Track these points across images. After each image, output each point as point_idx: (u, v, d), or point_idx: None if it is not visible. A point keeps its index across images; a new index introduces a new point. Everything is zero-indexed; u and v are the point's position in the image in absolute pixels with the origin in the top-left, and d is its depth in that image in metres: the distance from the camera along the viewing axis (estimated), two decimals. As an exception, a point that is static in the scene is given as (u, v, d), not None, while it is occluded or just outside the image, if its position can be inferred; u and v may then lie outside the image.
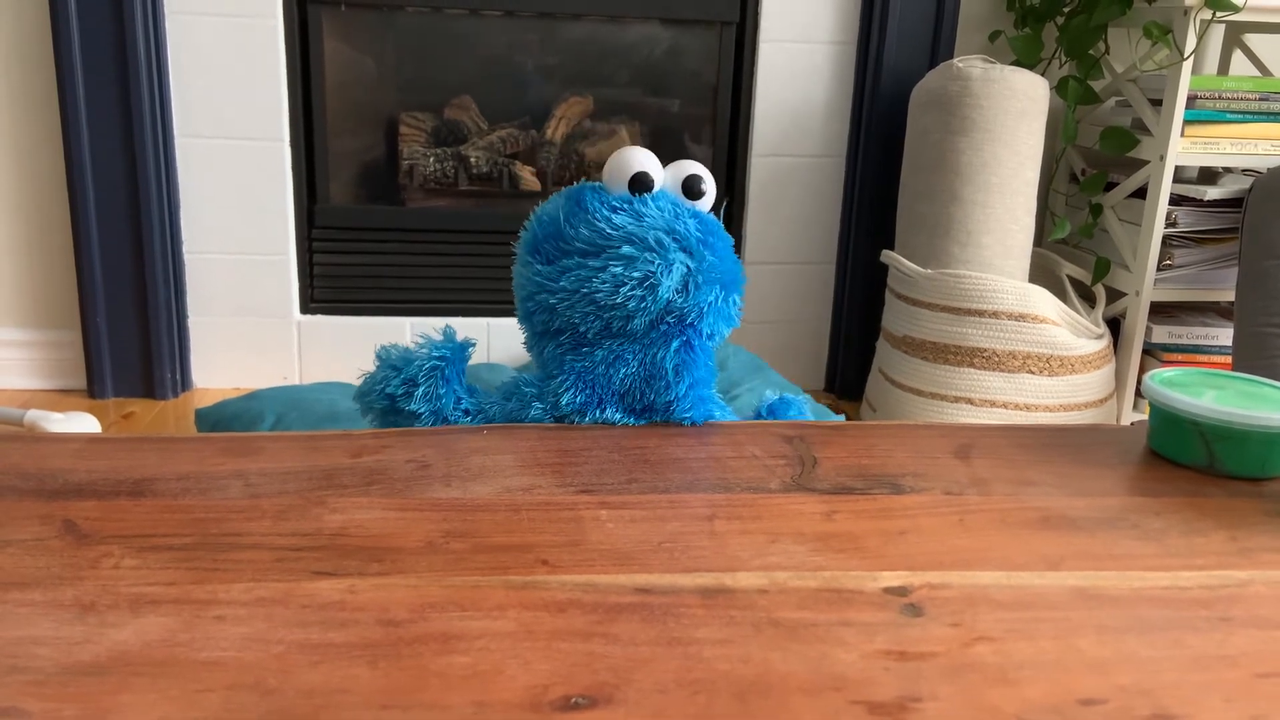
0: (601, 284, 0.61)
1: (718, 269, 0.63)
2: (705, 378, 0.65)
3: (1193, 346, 1.75)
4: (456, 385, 0.65)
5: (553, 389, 0.64)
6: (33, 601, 0.41)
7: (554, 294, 0.63)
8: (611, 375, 0.63)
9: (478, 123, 1.97)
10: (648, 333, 0.63)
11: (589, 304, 0.62)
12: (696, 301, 0.63)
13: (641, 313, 0.62)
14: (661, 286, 0.61)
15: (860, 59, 1.87)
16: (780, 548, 0.47)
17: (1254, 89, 1.63)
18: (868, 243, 1.92)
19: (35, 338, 1.86)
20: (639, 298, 0.61)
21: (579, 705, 0.35)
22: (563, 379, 0.64)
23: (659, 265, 0.61)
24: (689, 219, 0.63)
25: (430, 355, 0.65)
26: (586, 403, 0.64)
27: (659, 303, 0.61)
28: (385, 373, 0.65)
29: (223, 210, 1.82)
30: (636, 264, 0.61)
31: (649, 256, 0.61)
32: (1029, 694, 0.37)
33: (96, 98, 1.69)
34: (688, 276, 0.62)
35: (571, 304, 0.62)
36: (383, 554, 0.45)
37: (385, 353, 0.66)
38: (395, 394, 0.64)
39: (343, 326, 1.90)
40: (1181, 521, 0.52)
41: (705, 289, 0.63)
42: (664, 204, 0.64)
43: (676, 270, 0.61)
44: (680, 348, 0.64)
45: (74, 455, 0.55)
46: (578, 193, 0.66)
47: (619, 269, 0.61)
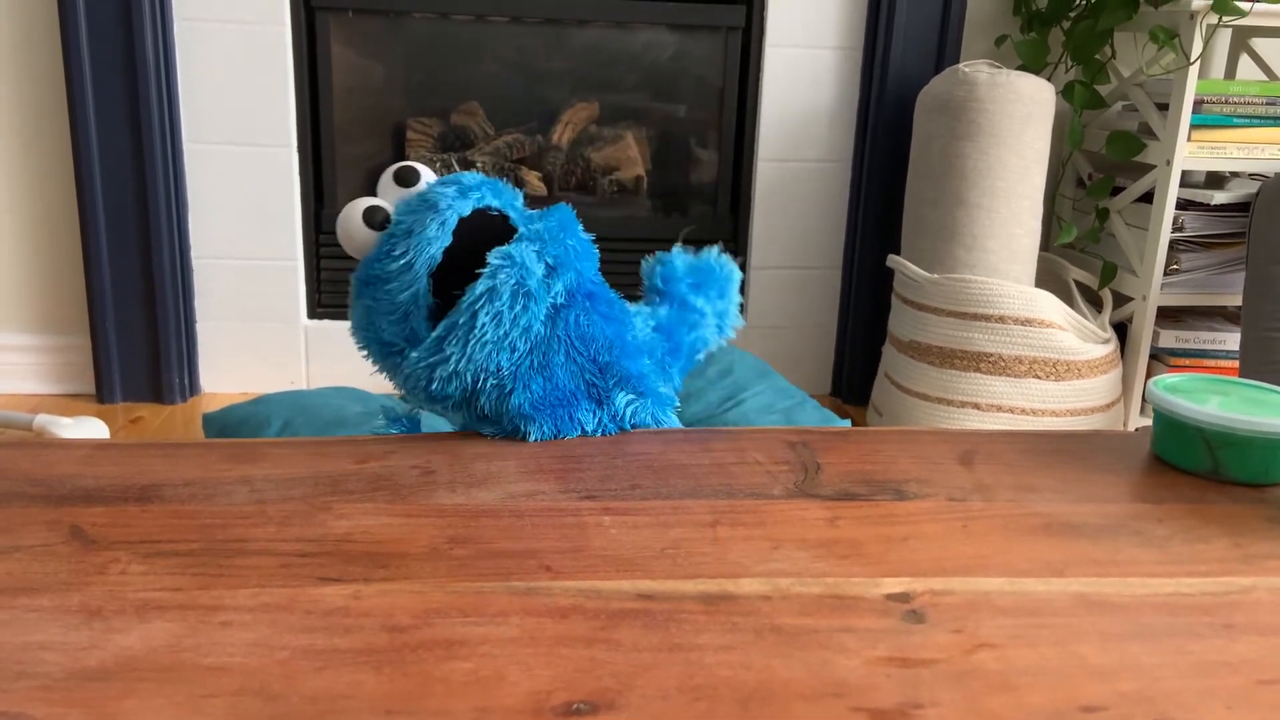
0: (483, 328, 0.60)
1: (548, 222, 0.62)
2: (619, 316, 0.65)
3: (1199, 351, 1.75)
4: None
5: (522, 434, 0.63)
6: (40, 607, 0.41)
7: (447, 362, 0.61)
8: (556, 380, 0.62)
9: (484, 128, 1.98)
10: (551, 326, 0.62)
11: (484, 346, 0.60)
12: (563, 261, 0.62)
13: (533, 318, 0.60)
14: (532, 284, 0.60)
15: (866, 64, 1.87)
16: (783, 554, 0.48)
17: (1261, 93, 1.62)
18: (873, 248, 1.92)
19: (44, 343, 1.87)
20: (524, 307, 0.60)
21: (581, 711, 0.35)
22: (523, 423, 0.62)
23: (513, 271, 0.60)
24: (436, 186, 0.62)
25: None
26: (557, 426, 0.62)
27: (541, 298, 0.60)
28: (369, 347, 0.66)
29: (231, 216, 1.83)
30: (498, 289, 0.60)
31: (506, 273, 0.60)
32: (1031, 701, 0.37)
33: (105, 104, 1.70)
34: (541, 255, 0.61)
35: (469, 357, 0.61)
36: (387, 560, 0.46)
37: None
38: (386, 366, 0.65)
39: (350, 332, 1.90)
40: (1185, 528, 0.52)
41: (557, 248, 0.62)
42: (408, 202, 0.63)
43: (530, 259, 0.60)
44: (584, 311, 0.63)
45: (81, 461, 0.56)
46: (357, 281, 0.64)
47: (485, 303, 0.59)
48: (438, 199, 0.61)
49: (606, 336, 0.63)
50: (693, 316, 0.72)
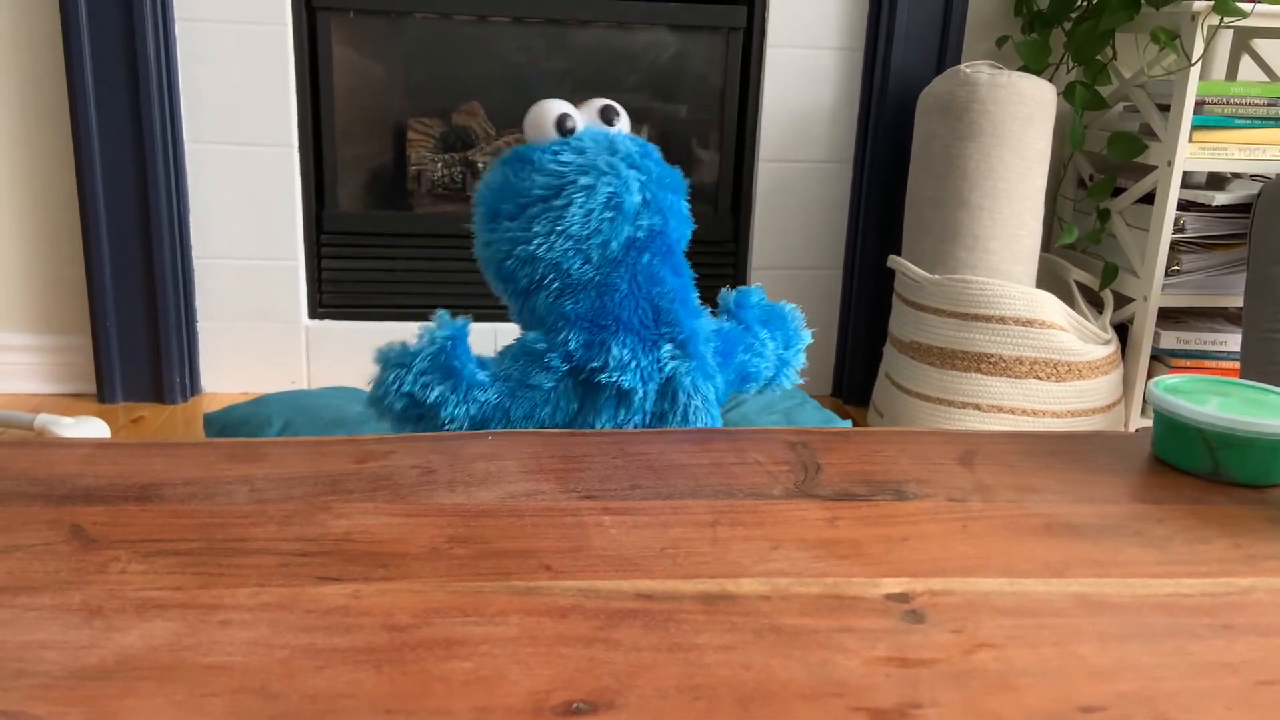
0: (573, 218, 0.65)
1: (666, 176, 0.68)
2: (689, 283, 0.69)
3: (1200, 352, 1.75)
4: (470, 362, 0.66)
5: (560, 342, 0.65)
6: (40, 606, 0.41)
7: (530, 242, 0.66)
8: (608, 305, 0.65)
9: (486, 128, 1.98)
10: (627, 252, 0.66)
11: (566, 239, 0.65)
12: (658, 208, 0.67)
13: (615, 234, 0.65)
14: (626, 203, 0.65)
15: (867, 64, 1.87)
16: (782, 554, 0.48)
17: (1262, 94, 1.62)
18: (875, 248, 1.92)
19: (45, 342, 1.87)
20: (609, 219, 0.65)
21: (580, 711, 0.35)
22: (564, 327, 0.65)
23: (617, 184, 0.65)
24: (623, 139, 0.68)
25: (433, 338, 0.65)
26: (592, 340, 0.65)
27: (628, 218, 0.65)
28: (393, 373, 0.65)
29: (232, 216, 1.83)
30: (597, 189, 0.65)
31: (606, 180, 0.65)
32: (1030, 701, 0.37)
33: (106, 104, 1.70)
34: (643, 188, 0.66)
35: (550, 244, 0.65)
36: (387, 559, 0.46)
37: (385, 355, 0.66)
38: (412, 390, 0.64)
39: (351, 332, 1.91)
40: (1185, 529, 0.52)
41: (661, 195, 0.67)
42: (597, 135, 0.68)
43: (634, 184, 0.66)
44: (660, 254, 0.67)
45: (82, 460, 0.56)
46: (514, 154, 0.70)
47: (583, 198, 0.65)
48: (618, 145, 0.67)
49: (671, 286, 0.67)
50: (754, 343, 0.75)
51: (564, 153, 0.67)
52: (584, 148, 0.67)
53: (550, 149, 0.67)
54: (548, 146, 0.68)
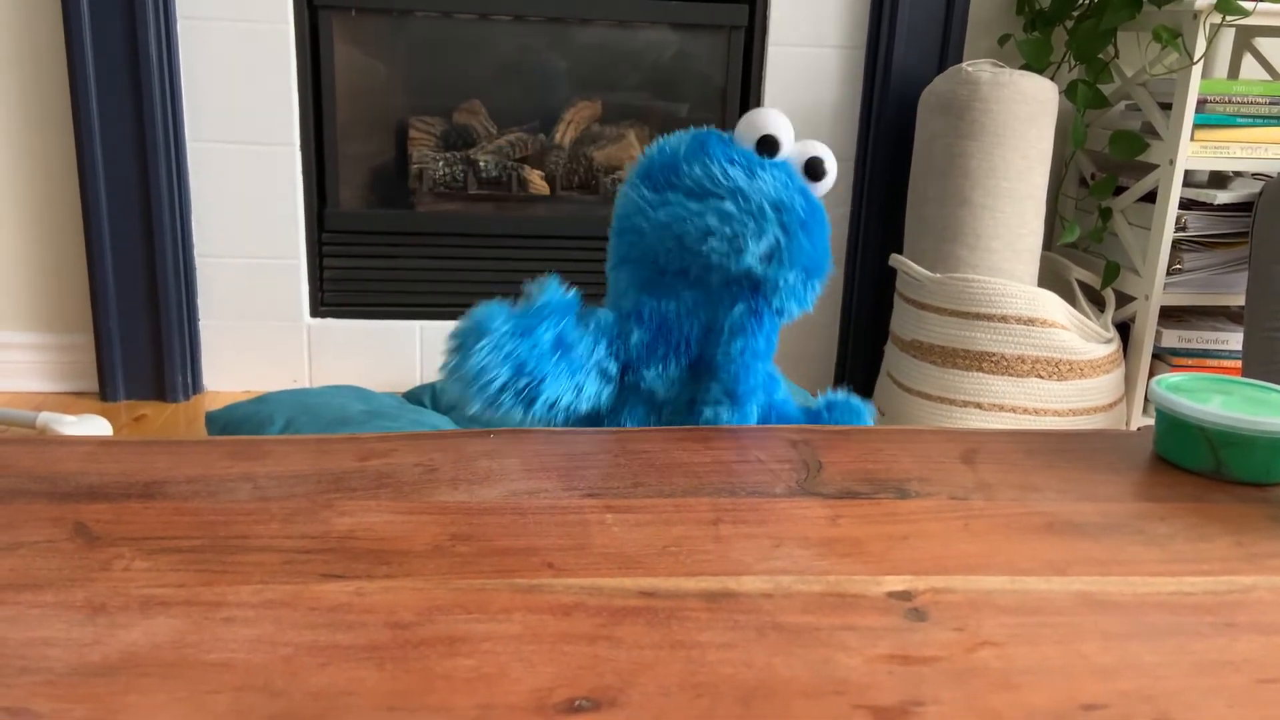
0: (693, 227, 0.62)
1: (806, 252, 0.63)
2: (763, 349, 0.66)
3: (1202, 351, 1.75)
4: (578, 339, 0.63)
5: (625, 329, 0.64)
6: (44, 603, 0.41)
7: (647, 219, 0.64)
8: (680, 321, 0.64)
9: (487, 127, 1.98)
10: (723, 290, 0.64)
11: (675, 240, 0.63)
12: (776, 276, 0.63)
13: (720, 268, 0.63)
14: (747, 252, 0.62)
15: (869, 63, 1.87)
16: (785, 552, 0.48)
17: (1264, 93, 1.62)
18: (876, 247, 1.92)
19: (48, 341, 1.87)
20: (723, 253, 0.62)
21: (583, 708, 0.36)
22: (634, 318, 0.64)
23: (751, 230, 0.62)
24: (798, 196, 0.64)
25: (552, 308, 0.62)
26: (652, 345, 0.64)
27: (740, 265, 0.62)
28: (510, 343, 0.61)
29: (234, 214, 1.83)
30: (732, 221, 0.62)
31: (745, 219, 0.62)
32: (1032, 699, 0.37)
33: (109, 103, 1.70)
34: (775, 250, 0.62)
35: (660, 236, 0.63)
36: (390, 557, 0.46)
37: (489, 318, 0.61)
38: (525, 359, 0.61)
39: (352, 330, 1.91)
40: (1187, 527, 0.52)
41: (787, 268, 0.63)
42: (780, 174, 0.64)
43: (766, 240, 0.62)
44: (745, 311, 0.64)
45: (85, 458, 0.56)
46: (704, 135, 0.66)
47: (713, 220, 0.62)
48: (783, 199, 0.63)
49: (746, 345, 0.64)
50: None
51: (737, 166, 0.63)
52: (757, 176, 0.63)
53: (730, 154, 0.64)
54: (731, 149, 0.64)
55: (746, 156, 0.64)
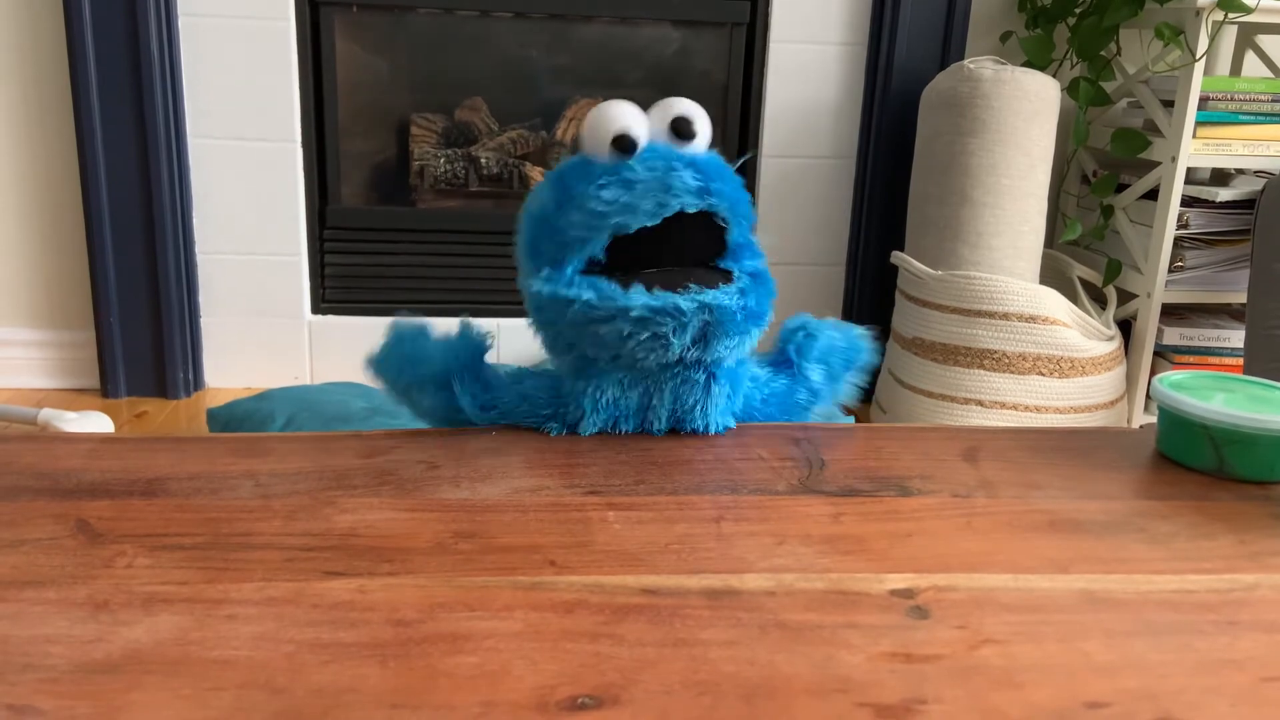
0: (607, 332, 0.57)
1: (736, 318, 0.58)
2: (728, 393, 0.63)
3: (1204, 349, 1.75)
4: (473, 383, 0.63)
5: (569, 417, 0.62)
6: (47, 600, 0.41)
7: (559, 317, 0.59)
8: (629, 399, 0.61)
9: (488, 124, 1.98)
10: (664, 369, 0.60)
11: (596, 341, 0.58)
12: (714, 351, 0.59)
13: (653, 360, 0.59)
14: (674, 346, 0.57)
15: (870, 60, 1.87)
16: (787, 550, 0.48)
17: (1266, 90, 1.62)
18: (878, 244, 1.92)
19: (49, 338, 1.87)
20: (649, 349, 0.58)
21: (585, 705, 0.36)
22: (575, 407, 0.62)
23: (671, 325, 0.57)
24: (684, 170, 0.57)
25: (444, 358, 0.62)
26: (601, 424, 0.62)
27: (672, 354, 0.58)
28: (397, 361, 0.62)
29: (235, 211, 1.83)
30: (648, 323, 0.57)
31: (661, 319, 0.56)
32: (1034, 697, 0.37)
33: (110, 99, 1.70)
34: (706, 328, 0.58)
35: (577, 334, 0.59)
36: (392, 554, 0.46)
37: (398, 335, 0.63)
38: (410, 384, 0.63)
39: (354, 327, 1.91)
40: (1189, 525, 0.52)
41: (723, 341, 0.58)
42: (653, 160, 0.58)
43: (692, 327, 0.57)
44: (702, 382, 0.61)
45: (87, 455, 0.56)
46: (559, 178, 0.60)
47: (627, 326, 0.57)
48: (674, 184, 0.58)
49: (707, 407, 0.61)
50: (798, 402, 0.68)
51: (610, 186, 0.57)
52: (634, 181, 0.57)
53: (598, 179, 0.58)
54: (593, 172, 0.58)
55: (608, 171, 0.58)
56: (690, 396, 0.61)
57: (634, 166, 0.58)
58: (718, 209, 0.60)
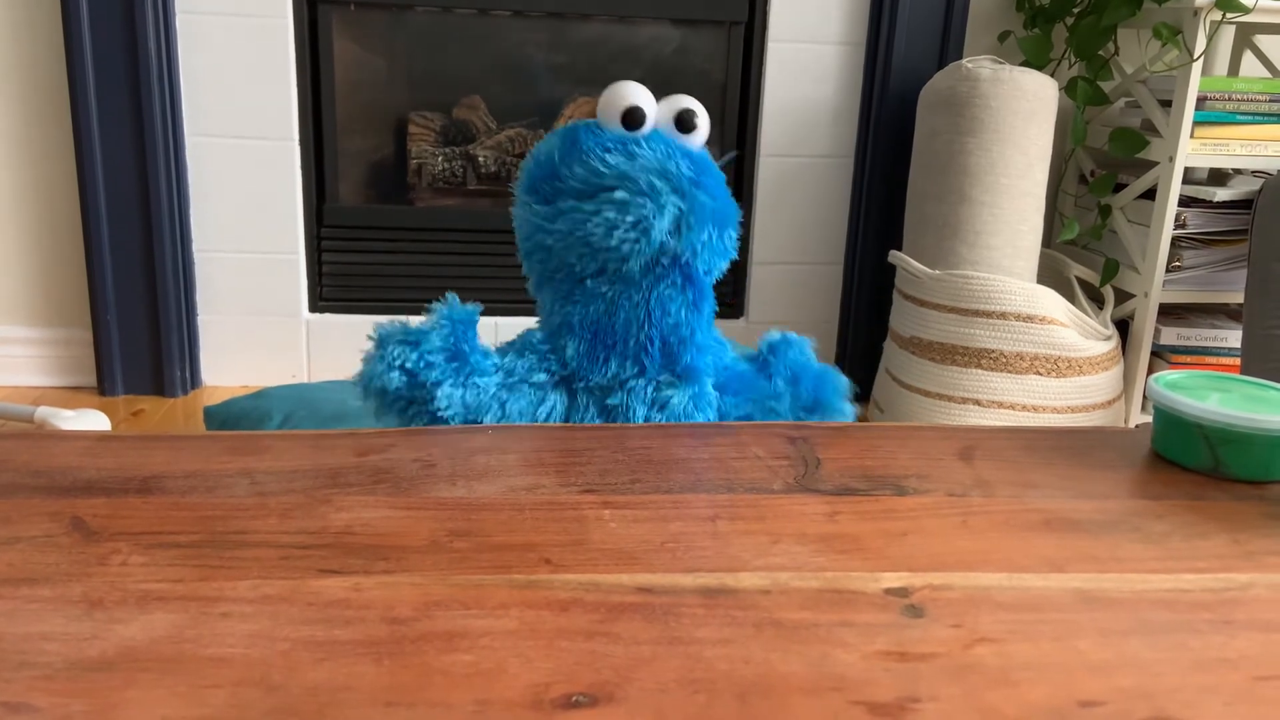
0: (595, 227, 0.62)
1: (709, 208, 0.63)
2: (703, 317, 0.66)
3: (1201, 348, 1.75)
4: (476, 346, 0.65)
5: (560, 346, 0.64)
6: (41, 598, 0.41)
7: (550, 234, 0.64)
8: (613, 321, 0.64)
9: (487, 122, 1.98)
10: (645, 274, 0.64)
11: (584, 245, 0.63)
12: (690, 242, 0.63)
13: (635, 255, 0.62)
14: (654, 229, 0.62)
15: (869, 59, 1.87)
16: (782, 548, 0.48)
17: (1264, 90, 1.62)
18: (875, 243, 1.92)
19: (46, 335, 1.87)
20: (632, 240, 0.62)
21: (580, 703, 0.36)
22: (565, 333, 0.64)
23: (650, 209, 0.62)
24: (681, 159, 0.64)
25: (449, 318, 0.64)
26: (592, 352, 0.64)
27: (652, 245, 0.62)
28: (397, 349, 0.64)
29: (232, 209, 1.83)
30: (629, 208, 0.62)
31: (641, 200, 0.62)
32: (1029, 696, 0.37)
33: (107, 97, 1.70)
34: (680, 218, 0.62)
35: (567, 245, 0.63)
36: (388, 552, 0.46)
37: (388, 331, 0.65)
38: (415, 369, 0.63)
39: (351, 325, 1.91)
40: (1184, 524, 0.52)
41: (698, 229, 0.63)
42: (657, 144, 0.64)
43: (668, 213, 0.62)
44: (680, 286, 0.64)
45: (82, 453, 0.56)
46: (572, 131, 0.66)
47: (612, 213, 0.62)
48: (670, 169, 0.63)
49: (682, 320, 0.64)
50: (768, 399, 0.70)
51: (614, 153, 0.63)
52: (636, 155, 0.63)
53: (604, 142, 0.64)
54: (603, 136, 0.64)
55: (618, 139, 0.64)
56: (673, 304, 0.64)
57: (640, 142, 0.64)
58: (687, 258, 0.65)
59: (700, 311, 0.66)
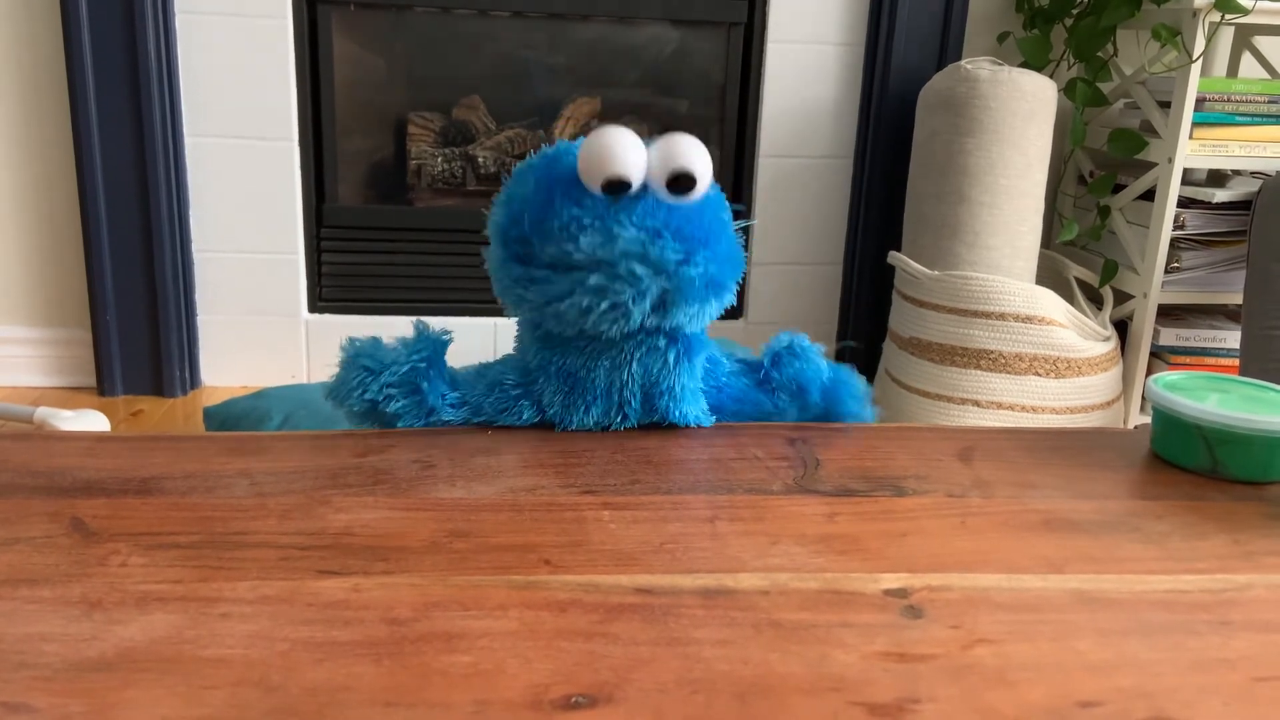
0: (568, 307, 0.57)
1: (699, 284, 0.57)
2: (690, 368, 0.62)
3: (1200, 349, 1.75)
4: (440, 383, 0.62)
5: (535, 391, 0.62)
6: (41, 598, 0.41)
7: (527, 289, 0.59)
8: (593, 376, 0.61)
9: (486, 123, 1.98)
10: (627, 339, 0.60)
11: (557, 317, 0.59)
12: (674, 318, 0.58)
13: (615, 331, 0.59)
14: (633, 314, 0.57)
15: (868, 60, 1.87)
16: (781, 549, 0.48)
17: (1263, 91, 1.62)
18: (875, 244, 1.92)
19: (45, 336, 1.87)
20: (610, 319, 0.58)
21: (579, 704, 0.36)
22: (543, 380, 0.62)
23: (629, 294, 0.56)
24: (668, 244, 0.56)
25: (409, 356, 0.62)
26: (568, 401, 0.61)
27: (631, 325, 0.58)
28: (358, 375, 0.62)
29: (232, 209, 1.83)
30: (606, 294, 0.56)
31: (618, 286, 0.56)
32: (1028, 696, 0.37)
33: (107, 97, 1.70)
34: (663, 297, 0.57)
35: (540, 311, 0.59)
36: (387, 553, 0.46)
37: (355, 351, 0.63)
38: (375, 399, 0.62)
39: (351, 326, 1.91)
40: (1183, 525, 0.52)
41: (684, 306, 0.58)
42: (641, 220, 0.56)
43: (649, 296, 0.57)
44: (664, 347, 0.61)
45: (82, 453, 0.56)
46: (547, 185, 0.58)
47: (586, 299, 0.57)
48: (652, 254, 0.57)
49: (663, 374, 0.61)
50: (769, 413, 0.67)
51: (589, 232, 0.56)
52: (616, 237, 0.56)
53: (580, 216, 0.56)
54: (580, 205, 0.56)
55: (596, 212, 0.56)
56: (656, 364, 0.61)
57: (622, 219, 0.56)
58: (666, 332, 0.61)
59: (690, 361, 0.62)
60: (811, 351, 0.66)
